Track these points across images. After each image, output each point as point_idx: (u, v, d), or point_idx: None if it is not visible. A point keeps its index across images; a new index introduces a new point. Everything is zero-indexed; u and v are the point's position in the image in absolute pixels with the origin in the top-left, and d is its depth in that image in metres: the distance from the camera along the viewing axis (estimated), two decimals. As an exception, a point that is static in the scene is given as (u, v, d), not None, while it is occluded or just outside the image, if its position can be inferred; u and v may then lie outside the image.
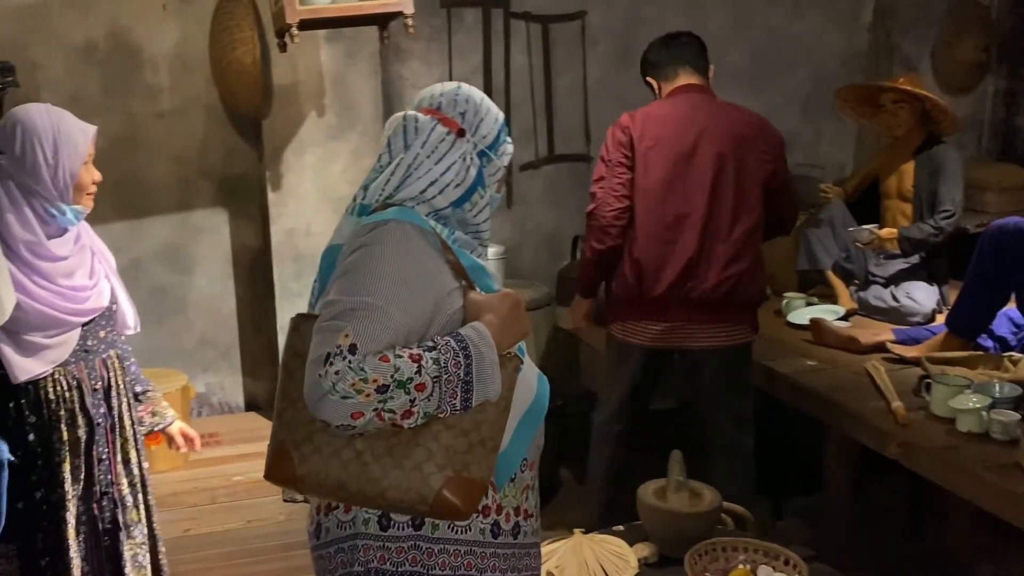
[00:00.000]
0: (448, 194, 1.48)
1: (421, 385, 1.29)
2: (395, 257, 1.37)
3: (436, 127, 1.50)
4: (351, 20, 3.04)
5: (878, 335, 3.23)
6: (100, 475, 2.00)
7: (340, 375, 1.25)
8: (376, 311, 1.32)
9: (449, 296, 1.41)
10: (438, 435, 1.34)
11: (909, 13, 4.52)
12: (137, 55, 3.69)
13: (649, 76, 2.96)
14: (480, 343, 1.35)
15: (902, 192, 3.71)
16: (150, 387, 2.22)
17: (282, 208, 3.67)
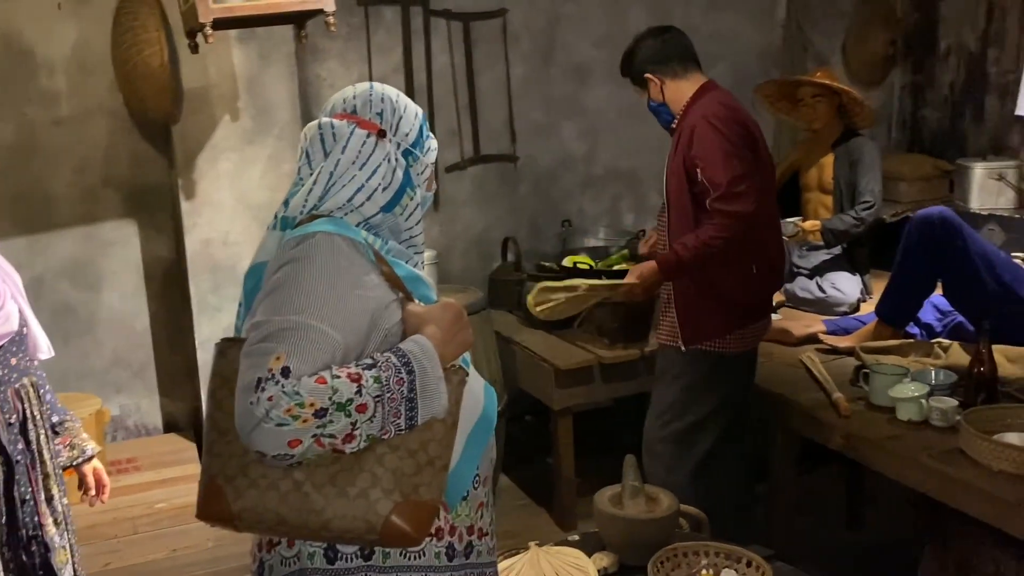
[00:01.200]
0: (377, 199, 1.40)
1: (362, 406, 1.21)
2: (326, 271, 1.28)
3: (355, 131, 1.41)
4: (267, 19, 2.89)
5: (809, 326, 3.28)
6: (25, 517, 1.83)
7: (274, 401, 1.17)
8: (309, 330, 1.23)
9: (386, 310, 1.33)
10: (383, 458, 1.26)
11: (820, 9, 4.63)
12: (30, 58, 3.44)
13: (649, 73, 2.73)
14: (423, 357, 1.28)
15: (822, 184, 3.78)
16: (68, 416, 2.05)
17: (196, 218, 3.48)
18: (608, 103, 4.33)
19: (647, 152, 4.43)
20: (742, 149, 2.57)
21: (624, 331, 3.22)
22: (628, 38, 4.16)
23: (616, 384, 3.26)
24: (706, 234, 2.54)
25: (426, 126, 1.50)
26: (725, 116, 2.59)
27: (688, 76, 2.71)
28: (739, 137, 2.58)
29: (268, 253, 1.38)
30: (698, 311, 2.65)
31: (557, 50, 4.21)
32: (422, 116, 1.50)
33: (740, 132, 2.60)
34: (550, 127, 4.27)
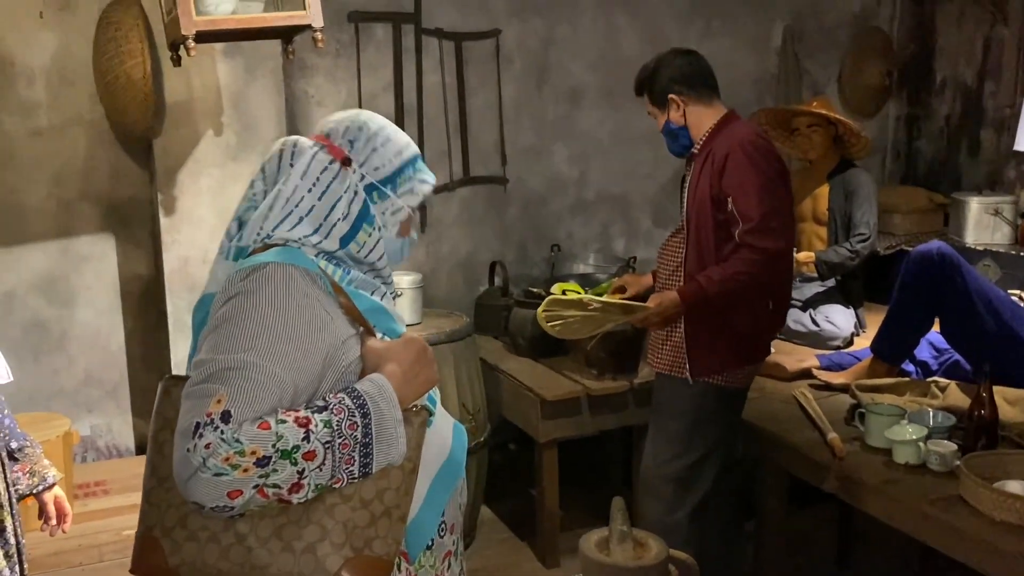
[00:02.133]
0: (335, 232, 1.31)
1: (311, 453, 1.12)
2: (276, 305, 1.19)
3: (317, 154, 1.33)
4: (253, 33, 2.81)
5: (803, 361, 3.20)
6: None
7: (211, 449, 1.08)
8: (254, 369, 1.14)
9: (343, 346, 1.24)
10: (333, 509, 1.17)
11: (816, 38, 4.60)
12: (9, 67, 3.35)
13: (674, 93, 2.59)
14: (380, 398, 1.19)
15: (817, 215, 3.73)
16: (27, 442, 1.94)
17: (175, 234, 3.38)
18: (600, 127, 4.27)
19: (639, 177, 4.38)
20: (776, 182, 2.48)
21: (614, 361, 3.13)
22: (621, 62, 4.18)
23: (604, 416, 3.17)
24: (733, 268, 2.45)
25: (414, 167, 1.40)
26: (762, 147, 2.51)
27: (712, 103, 2.61)
28: (774, 170, 2.49)
29: (218, 284, 1.28)
30: (709, 343, 2.54)
31: (550, 72, 4.15)
32: (409, 156, 1.40)
33: (774, 165, 2.51)
34: (541, 150, 4.21)
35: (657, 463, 2.63)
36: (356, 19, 3.72)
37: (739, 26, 4.43)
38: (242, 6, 2.63)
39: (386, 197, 1.37)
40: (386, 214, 1.37)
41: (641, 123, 4.22)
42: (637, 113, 4.19)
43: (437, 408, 1.37)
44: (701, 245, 2.55)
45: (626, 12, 4.22)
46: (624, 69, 4.16)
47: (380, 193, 1.36)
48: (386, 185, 1.37)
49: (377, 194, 1.36)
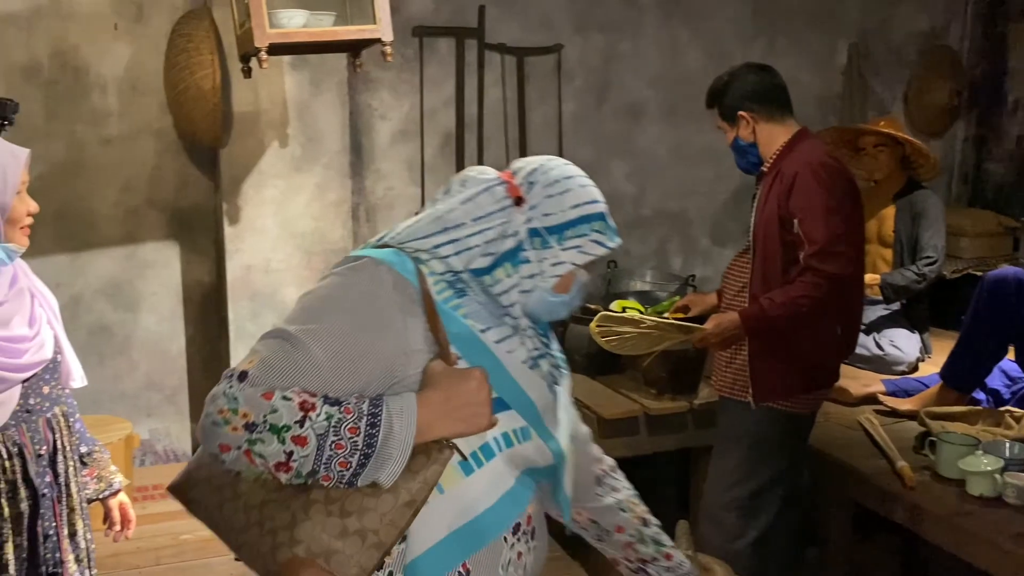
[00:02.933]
0: (465, 257, 1.29)
1: (302, 439, 1.11)
2: (352, 297, 1.20)
3: (494, 187, 1.32)
4: (323, 46, 2.85)
5: (868, 386, 3.13)
6: (46, 553, 1.74)
7: (214, 398, 1.12)
8: (296, 345, 1.15)
9: (405, 357, 1.21)
10: (311, 505, 1.14)
11: (883, 56, 4.52)
12: (84, 77, 3.44)
13: (744, 110, 2.54)
14: (396, 416, 1.14)
15: (882, 237, 3.65)
16: (96, 447, 1.97)
17: (239, 243, 3.43)
18: (660, 143, 4.24)
19: (698, 195, 4.34)
20: (846, 205, 2.42)
21: (673, 381, 3.09)
22: (683, 79, 4.15)
23: (662, 436, 3.12)
24: (796, 291, 2.38)
25: (590, 226, 1.33)
26: (833, 168, 2.45)
27: (784, 121, 2.56)
28: (844, 193, 2.44)
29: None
30: (774, 367, 2.48)
31: (611, 88, 4.13)
32: (587, 212, 1.33)
33: (845, 187, 2.45)
34: (599, 165, 4.17)
35: (719, 489, 2.57)
36: (420, 33, 3.74)
37: (803, 44, 4.37)
38: (313, 19, 2.67)
39: (548, 246, 1.32)
40: (544, 263, 1.32)
41: (701, 140, 4.22)
42: (697, 130, 4.19)
43: (493, 464, 1.26)
44: (767, 266, 2.50)
45: (689, 29, 4.19)
46: (686, 86, 4.15)
47: (543, 241, 1.31)
48: (552, 234, 1.32)
49: (540, 241, 1.31)
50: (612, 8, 4.07)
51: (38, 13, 3.33)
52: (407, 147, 3.85)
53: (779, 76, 2.61)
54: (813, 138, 2.59)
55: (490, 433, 1.24)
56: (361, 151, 3.77)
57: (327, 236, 3.52)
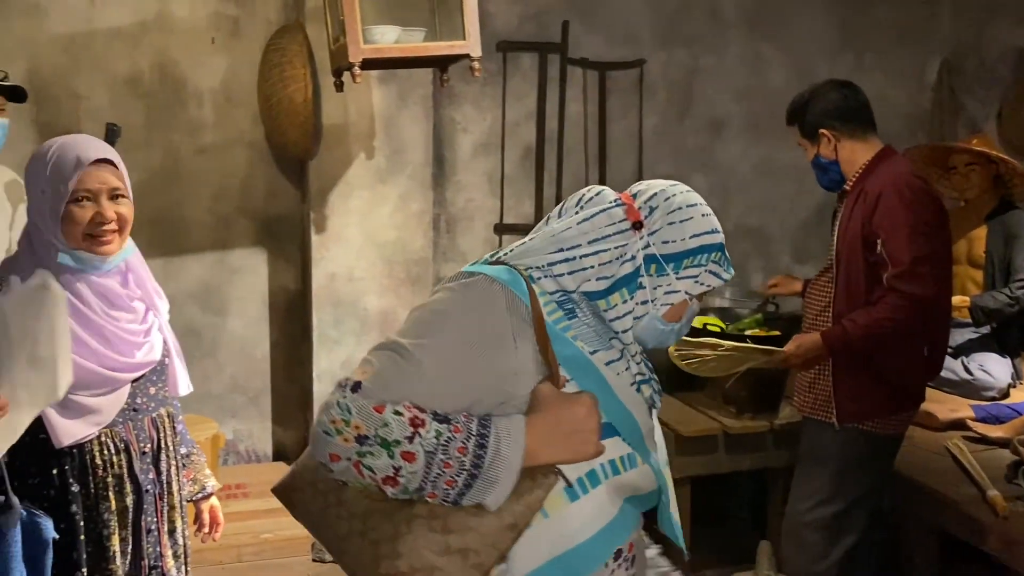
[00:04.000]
0: (579, 279, 1.28)
1: (410, 455, 1.11)
2: (464, 313, 1.21)
3: (613, 208, 1.31)
4: (412, 61, 2.92)
5: (956, 411, 3.04)
6: (148, 548, 1.81)
7: (327, 407, 1.13)
8: (408, 358, 1.16)
9: (515, 377, 1.20)
10: (414, 519, 1.15)
11: (976, 73, 4.41)
12: (182, 88, 3.58)
13: (826, 128, 2.51)
14: (505, 438, 1.14)
15: (972, 258, 3.55)
16: (195, 450, 2.05)
17: (324, 251, 3.52)
18: (742, 158, 4.20)
19: (779, 211, 4.29)
20: (931, 226, 2.38)
21: (754, 400, 3.05)
22: (767, 94, 4.11)
23: (740, 456, 3.08)
24: (879, 313, 2.36)
25: (708, 257, 1.31)
26: (918, 188, 2.41)
27: (867, 139, 2.52)
28: (930, 213, 2.40)
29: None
30: (859, 388, 2.45)
31: (693, 103, 4.12)
32: (706, 243, 1.31)
33: (931, 207, 2.41)
34: (679, 179, 4.12)
35: (802, 510, 2.54)
36: (504, 48, 3.80)
37: (892, 60, 4.29)
38: (405, 35, 2.73)
39: (664, 274, 1.30)
40: (659, 290, 1.31)
41: (784, 156, 4.16)
42: (780, 146, 4.14)
43: (598, 492, 1.24)
44: (851, 286, 2.47)
45: (774, 44, 4.15)
46: (770, 101, 4.10)
47: (659, 268, 1.30)
48: (668, 262, 1.30)
49: (656, 268, 1.30)
50: (696, 23, 4.06)
51: (143, 27, 3.48)
52: (488, 160, 3.90)
53: (862, 93, 2.57)
54: (898, 156, 2.55)
55: (597, 460, 1.23)
56: (443, 163, 3.83)
57: (408, 246, 3.59)
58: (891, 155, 2.53)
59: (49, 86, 3.38)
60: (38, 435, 1.66)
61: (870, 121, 2.55)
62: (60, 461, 1.69)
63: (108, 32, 3.46)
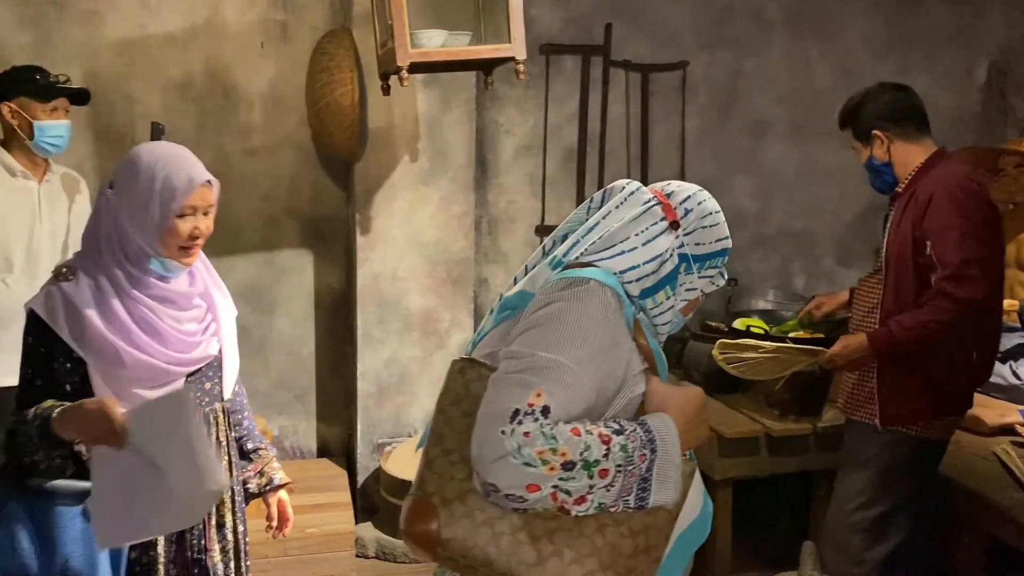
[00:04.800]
0: (643, 282, 1.35)
1: (605, 471, 1.15)
2: (594, 320, 1.24)
3: (653, 207, 1.38)
4: (458, 65, 2.95)
5: (1004, 416, 3.00)
6: (192, 539, 1.85)
7: (529, 438, 1.11)
8: (571, 375, 1.19)
9: (632, 378, 1.28)
10: (604, 529, 1.18)
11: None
12: (232, 92, 3.66)
13: (878, 129, 2.51)
14: (668, 439, 1.21)
15: (1021, 262, 3.50)
16: (263, 445, 2.08)
17: (369, 252, 3.57)
18: (785, 161, 4.19)
19: (824, 214, 4.26)
20: (982, 229, 2.36)
21: (797, 402, 3.04)
22: (812, 96, 4.09)
23: (783, 458, 3.07)
24: (926, 316, 2.35)
25: (723, 260, 1.45)
26: (970, 190, 2.39)
27: (920, 141, 2.51)
28: (981, 216, 2.38)
29: (534, 285, 1.35)
30: (903, 390, 2.44)
31: (736, 105, 4.11)
32: (725, 247, 1.44)
33: (983, 210, 2.39)
34: (722, 182, 4.15)
35: (844, 512, 2.53)
36: (547, 51, 3.83)
37: (939, 61, 4.24)
38: (451, 39, 2.77)
39: (690, 272, 1.41)
40: (683, 288, 1.41)
41: (828, 158, 4.14)
42: (824, 148, 4.12)
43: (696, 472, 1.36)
44: (900, 288, 2.45)
45: (819, 45, 4.13)
46: (815, 103, 4.09)
47: (687, 267, 1.40)
48: (696, 262, 1.41)
49: (685, 267, 1.40)
50: (739, 25, 4.05)
51: (193, 33, 3.57)
52: (530, 162, 3.93)
53: (916, 96, 2.56)
54: (952, 159, 2.52)
55: None
56: (486, 165, 3.87)
57: (450, 247, 3.63)
58: (945, 157, 2.51)
59: (104, 90, 3.48)
60: None
61: (924, 123, 2.54)
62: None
63: (161, 37, 3.55)
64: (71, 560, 1.63)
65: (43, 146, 2.85)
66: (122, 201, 1.73)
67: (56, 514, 1.64)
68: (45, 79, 2.85)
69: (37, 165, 2.89)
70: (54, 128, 2.85)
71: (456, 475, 1.20)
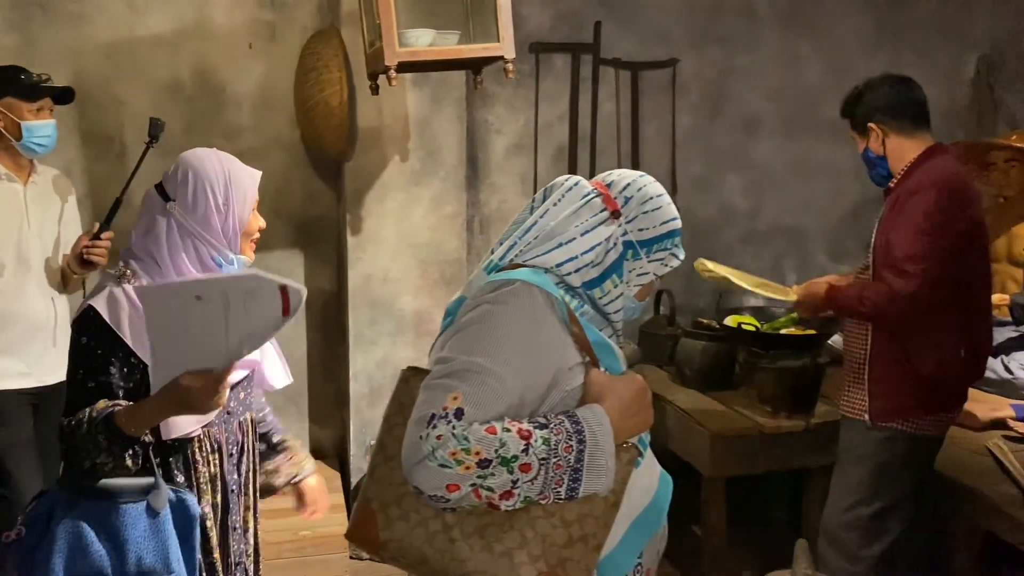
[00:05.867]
0: (583, 273, 1.38)
1: (526, 466, 1.18)
2: (518, 321, 1.27)
3: (593, 199, 1.41)
4: (447, 64, 2.94)
5: (996, 410, 3.00)
6: (233, 544, 1.87)
7: (442, 440, 1.16)
8: (490, 375, 1.22)
9: (570, 371, 1.30)
10: (535, 521, 1.22)
11: (1015, 68, 4.34)
12: (220, 93, 3.65)
13: (875, 122, 2.52)
14: (597, 429, 1.24)
15: (1012, 256, 3.51)
16: (288, 436, 2.11)
17: (360, 253, 3.56)
18: (777, 157, 4.19)
19: (815, 211, 4.26)
20: (942, 229, 2.35)
21: (790, 400, 3.04)
22: (803, 92, 4.09)
23: (776, 455, 3.07)
24: (866, 291, 2.43)
25: (672, 241, 1.45)
26: (955, 190, 2.40)
27: (916, 135, 2.51)
28: (948, 216, 2.37)
29: (470, 290, 1.39)
30: (893, 386, 2.46)
31: (726, 102, 4.11)
32: (672, 228, 1.45)
33: (952, 210, 2.38)
34: (713, 179, 4.16)
35: (839, 510, 2.53)
36: (537, 50, 3.82)
37: (929, 56, 4.24)
38: (440, 38, 2.76)
39: (638, 258, 1.43)
40: (632, 273, 1.43)
41: (820, 154, 4.14)
42: (816, 144, 4.12)
43: (647, 452, 1.39)
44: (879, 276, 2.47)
45: (809, 41, 4.13)
46: (805, 99, 4.09)
47: (635, 253, 1.42)
48: (642, 247, 1.42)
49: (632, 253, 1.42)
50: (729, 22, 4.05)
51: (182, 34, 3.55)
52: (521, 161, 3.92)
53: (918, 89, 2.56)
54: (945, 154, 2.51)
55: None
56: (477, 165, 3.86)
57: (442, 247, 3.62)
58: (938, 153, 2.50)
59: (93, 92, 3.46)
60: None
61: (922, 118, 2.54)
62: (165, 453, 1.75)
63: (149, 39, 3.53)
64: (144, 558, 1.64)
65: (31, 146, 2.81)
66: (194, 210, 1.74)
67: (122, 512, 1.65)
68: (29, 79, 2.82)
69: (22, 167, 2.86)
70: (42, 128, 2.82)
71: (394, 480, 1.26)
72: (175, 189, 1.75)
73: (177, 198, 1.75)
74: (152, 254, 1.75)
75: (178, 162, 1.78)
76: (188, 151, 1.81)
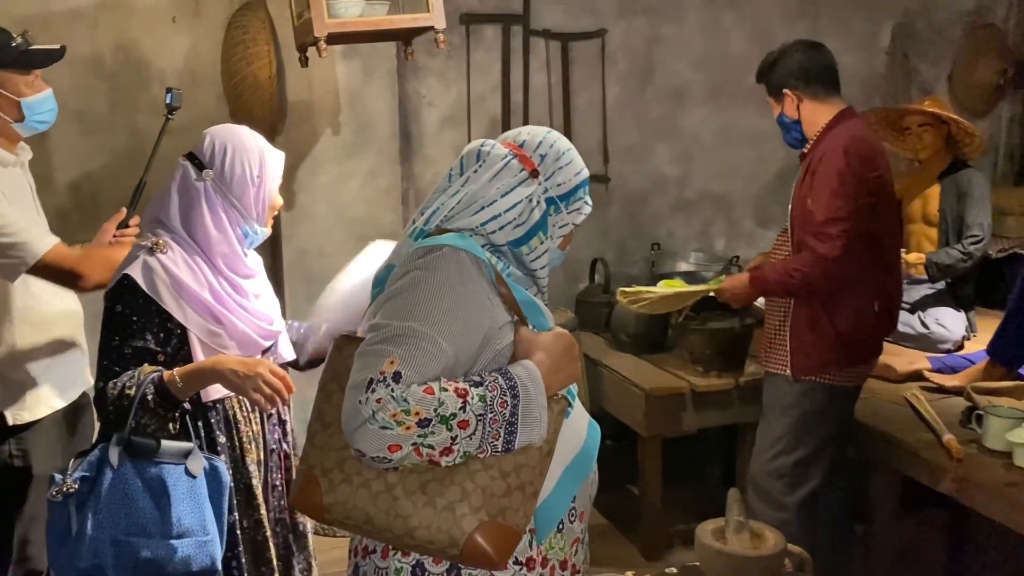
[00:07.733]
0: (508, 232, 1.42)
1: (464, 422, 1.23)
2: (447, 284, 1.31)
3: (510, 161, 1.44)
4: (377, 35, 2.94)
5: (913, 363, 3.16)
6: (274, 501, 1.93)
7: (382, 404, 1.20)
8: (425, 339, 1.26)
9: (500, 331, 1.35)
10: (475, 475, 1.27)
11: (927, 36, 4.51)
12: (145, 69, 3.56)
13: (789, 88, 2.59)
14: (529, 383, 1.29)
15: (927, 216, 3.66)
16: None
17: (294, 228, 3.54)
18: (704, 126, 4.28)
19: (741, 177, 4.37)
20: (856, 189, 2.46)
21: (719, 359, 3.15)
22: (727, 61, 4.19)
23: (708, 413, 3.18)
24: (792, 264, 2.53)
25: (585, 189, 1.51)
26: (862, 152, 2.50)
27: (828, 100, 2.60)
28: (858, 177, 2.47)
29: (398, 258, 1.41)
30: (812, 342, 2.57)
31: (654, 72, 4.18)
32: (584, 178, 1.51)
33: (862, 171, 2.48)
34: (643, 149, 4.24)
35: (764, 460, 2.65)
36: (467, 21, 3.82)
37: (847, 25, 4.37)
38: (369, 8, 2.75)
39: (559, 212, 1.48)
40: (555, 227, 1.48)
41: (745, 122, 4.25)
42: (741, 113, 4.23)
43: (575, 402, 1.45)
44: (803, 245, 2.57)
45: (732, 11, 4.22)
46: (730, 68, 4.18)
47: (556, 207, 1.47)
48: (562, 201, 1.48)
49: (553, 208, 1.47)
50: (655, -8, 4.11)
51: (102, 7, 3.45)
52: (454, 133, 3.93)
53: (829, 55, 2.65)
54: (854, 118, 2.62)
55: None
56: (410, 138, 3.86)
57: (378, 221, 3.62)
58: (848, 117, 2.60)
59: (9, 69, 3.34)
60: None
61: (833, 83, 2.62)
62: (205, 415, 1.82)
63: (67, 13, 3.42)
64: (183, 519, 1.70)
65: (34, 126, 2.37)
66: (231, 181, 1.83)
67: (164, 472, 1.71)
68: (20, 44, 2.27)
69: (16, 145, 2.40)
70: (42, 102, 2.36)
71: (334, 445, 1.30)
72: (211, 160, 1.83)
73: (213, 167, 1.82)
74: (185, 223, 1.82)
75: (211, 135, 1.87)
76: (217, 126, 1.91)
